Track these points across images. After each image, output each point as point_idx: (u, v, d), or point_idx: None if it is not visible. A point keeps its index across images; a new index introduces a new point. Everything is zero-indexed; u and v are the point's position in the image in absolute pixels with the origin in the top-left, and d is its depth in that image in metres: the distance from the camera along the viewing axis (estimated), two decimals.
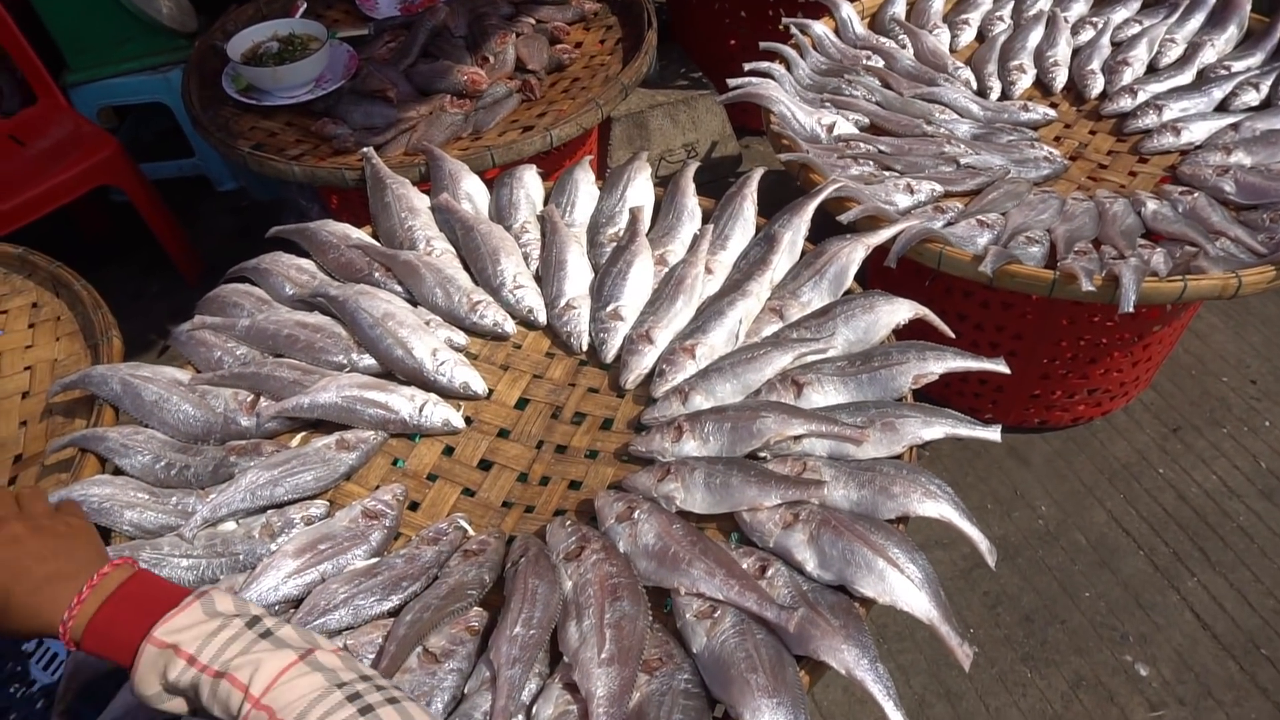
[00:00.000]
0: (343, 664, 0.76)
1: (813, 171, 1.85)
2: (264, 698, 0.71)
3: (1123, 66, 2.18)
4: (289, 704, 0.70)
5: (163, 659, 0.74)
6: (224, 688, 0.72)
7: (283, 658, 0.74)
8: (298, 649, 0.75)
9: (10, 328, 1.66)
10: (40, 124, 2.57)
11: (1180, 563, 2.02)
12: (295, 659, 0.74)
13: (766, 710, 0.95)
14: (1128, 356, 2.06)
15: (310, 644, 0.77)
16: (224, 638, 0.75)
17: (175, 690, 0.75)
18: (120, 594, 0.78)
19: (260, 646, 0.75)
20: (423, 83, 2.22)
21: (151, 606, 0.77)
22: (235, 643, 0.74)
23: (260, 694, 0.71)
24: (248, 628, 0.76)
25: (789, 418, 1.25)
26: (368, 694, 0.72)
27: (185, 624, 0.75)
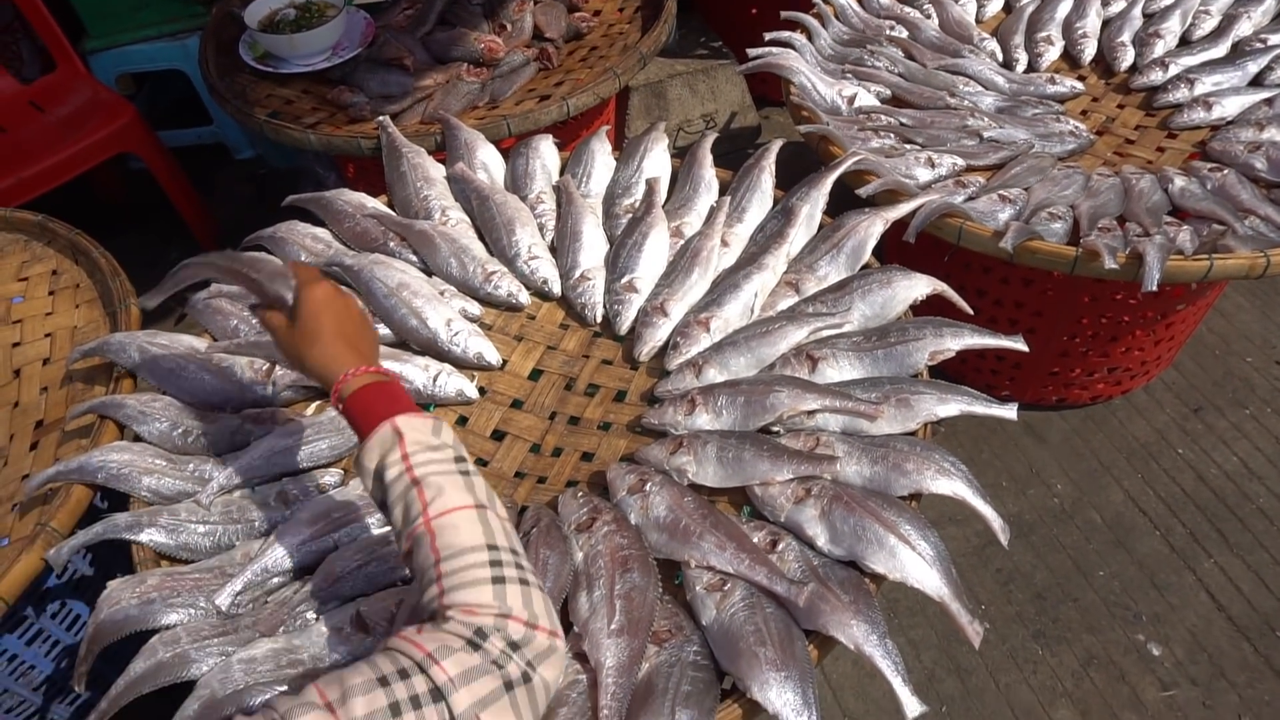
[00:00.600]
0: (503, 531, 0.86)
1: (832, 144, 1.83)
2: (434, 520, 0.84)
3: (1154, 39, 2.12)
4: (449, 539, 0.83)
5: (391, 441, 0.89)
6: (413, 494, 0.86)
7: (463, 499, 0.86)
8: (478, 500, 0.87)
9: (31, 295, 1.67)
10: (60, 91, 2.57)
11: (1197, 543, 2.00)
12: (472, 505, 0.86)
13: (774, 683, 0.95)
14: (1150, 335, 2.03)
15: (489, 503, 0.88)
16: (433, 456, 0.89)
17: (381, 475, 0.89)
18: (384, 386, 0.96)
19: (453, 479, 0.87)
20: (439, 51, 2.20)
21: (401, 405, 0.93)
22: (439, 464, 0.88)
23: (434, 516, 0.84)
24: (454, 462, 0.90)
25: (803, 392, 1.24)
26: (507, 567, 0.82)
27: (417, 429, 0.91)
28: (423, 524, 0.84)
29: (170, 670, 1.04)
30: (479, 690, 0.73)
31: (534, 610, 0.80)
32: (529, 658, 0.77)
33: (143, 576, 1.13)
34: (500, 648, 0.76)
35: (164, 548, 1.18)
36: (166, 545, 1.18)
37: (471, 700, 0.72)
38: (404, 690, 0.71)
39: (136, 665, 1.05)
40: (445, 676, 0.72)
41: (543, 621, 0.80)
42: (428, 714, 0.70)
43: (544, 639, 0.80)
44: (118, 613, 1.09)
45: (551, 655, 0.80)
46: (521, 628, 0.78)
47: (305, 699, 0.70)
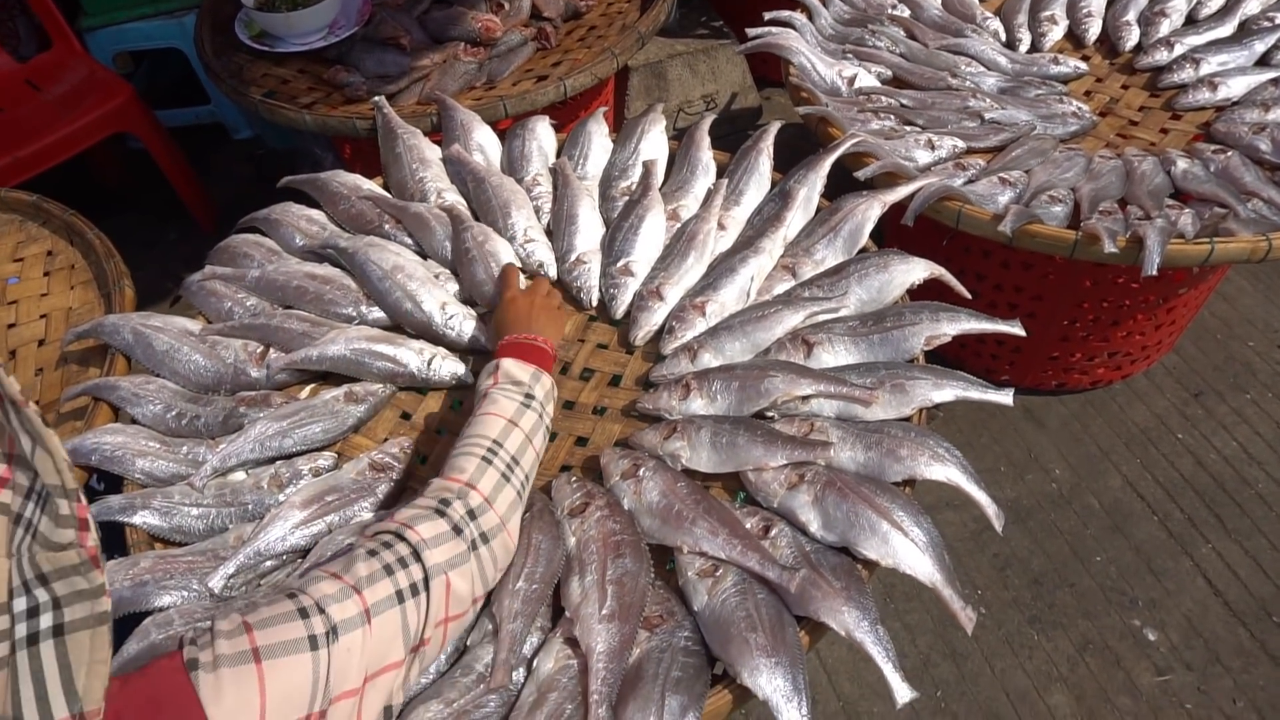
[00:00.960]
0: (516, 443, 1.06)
1: (831, 125, 1.81)
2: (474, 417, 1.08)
3: (1159, 18, 2.09)
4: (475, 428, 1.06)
5: (491, 370, 1.16)
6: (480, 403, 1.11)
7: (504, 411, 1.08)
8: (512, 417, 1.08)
9: (26, 276, 1.67)
10: (56, 69, 2.56)
11: (1195, 529, 2.00)
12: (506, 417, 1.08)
13: (765, 669, 0.95)
14: (1151, 319, 2.02)
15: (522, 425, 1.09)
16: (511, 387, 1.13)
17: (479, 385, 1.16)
18: (531, 346, 1.22)
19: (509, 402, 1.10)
20: (436, 30, 2.18)
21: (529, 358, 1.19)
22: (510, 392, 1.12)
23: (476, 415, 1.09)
24: (523, 395, 1.13)
25: (797, 377, 1.23)
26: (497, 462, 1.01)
27: (514, 368, 1.16)
28: (468, 420, 1.08)
29: (162, 652, 1.04)
30: (447, 551, 0.88)
31: (497, 495, 0.97)
32: (483, 528, 0.93)
33: (136, 559, 1.13)
34: (460, 514, 0.92)
35: (157, 530, 1.19)
36: (160, 528, 1.19)
37: (442, 559, 0.87)
38: (391, 555, 0.83)
39: (129, 647, 1.05)
40: (418, 537, 0.87)
41: (499, 508, 0.97)
42: (413, 571, 0.84)
43: (495, 518, 0.96)
44: (112, 594, 1.09)
45: (499, 534, 0.96)
46: (480, 499, 0.95)
47: (315, 576, 0.80)
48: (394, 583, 0.81)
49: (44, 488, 0.57)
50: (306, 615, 0.73)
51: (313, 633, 0.72)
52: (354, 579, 0.79)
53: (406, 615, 0.81)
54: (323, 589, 0.77)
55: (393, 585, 0.81)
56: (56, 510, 0.57)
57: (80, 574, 0.58)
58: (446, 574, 0.86)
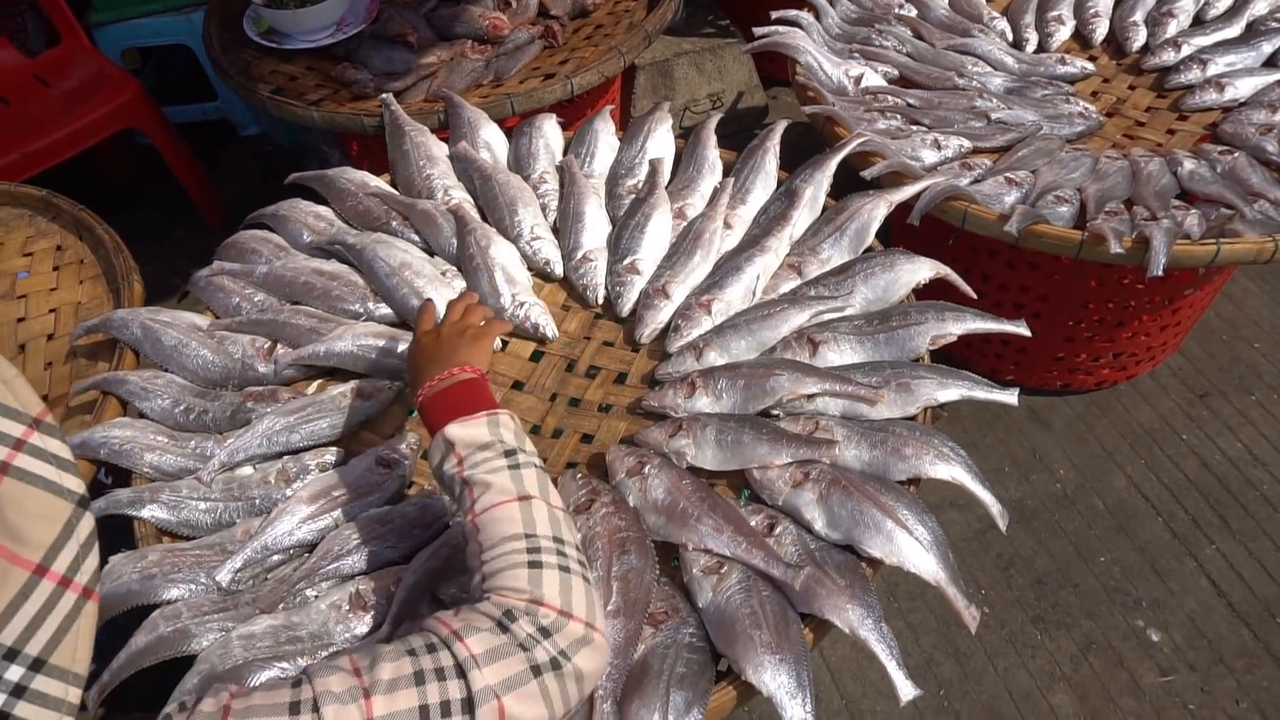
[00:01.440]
0: (548, 520, 0.88)
1: (837, 125, 1.81)
2: (478, 517, 0.88)
3: (1167, 18, 2.09)
4: (489, 531, 0.87)
5: (444, 449, 0.95)
6: (463, 493, 0.92)
7: (506, 493, 0.89)
8: (522, 492, 0.90)
9: (35, 270, 1.68)
10: (64, 65, 2.57)
11: (1199, 530, 2.00)
12: (514, 499, 0.89)
13: (769, 666, 0.96)
14: (1156, 320, 2.02)
15: (537, 493, 0.91)
16: (482, 456, 0.93)
17: (440, 476, 0.96)
18: (451, 390, 1.03)
19: (500, 475, 0.91)
20: (444, 27, 2.18)
21: (458, 410, 0.98)
22: (487, 463, 0.92)
23: (478, 513, 0.89)
24: (504, 456, 0.93)
25: (803, 376, 1.23)
26: (545, 554, 0.84)
27: (467, 433, 0.95)
28: (470, 521, 0.89)
29: (171, 644, 1.05)
30: (503, 671, 0.72)
31: (570, 599, 0.80)
32: (561, 645, 0.76)
33: (144, 552, 1.14)
34: (528, 631, 0.76)
35: (165, 524, 1.19)
36: (168, 521, 1.19)
37: (496, 680, 0.72)
38: (429, 662, 0.71)
39: (138, 639, 1.06)
40: (467, 653, 0.72)
41: (579, 611, 0.79)
42: (450, 687, 0.70)
43: (579, 628, 0.78)
44: (119, 587, 1.10)
45: (586, 645, 0.78)
46: (553, 614, 0.78)
47: (335, 663, 0.71)
48: (421, 695, 0.69)
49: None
50: (297, 712, 0.65)
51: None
52: (371, 680, 0.69)
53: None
54: (330, 683, 0.68)
55: (419, 698, 0.69)
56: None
57: None
58: (500, 698, 0.71)
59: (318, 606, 1.07)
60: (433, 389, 1.03)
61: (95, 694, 1.05)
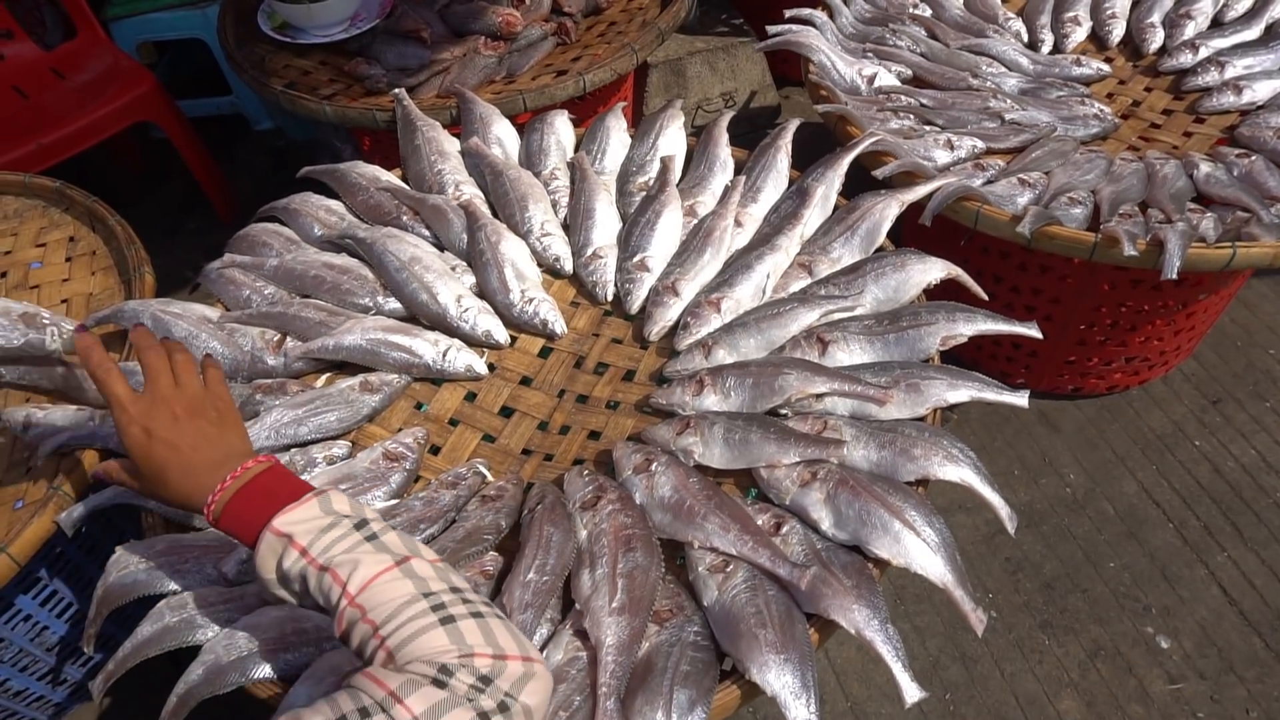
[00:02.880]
0: (435, 574, 0.80)
1: (850, 124, 1.80)
2: (358, 597, 0.78)
3: (1185, 20, 2.07)
4: (378, 606, 0.77)
5: (280, 545, 0.82)
6: (326, 580, 0.80)
7: (379, 562, 0.80)
8: (396, 556, 0.81)
9: (48, 261, 1.68)
10: (80, 58, 2.58)
11: (1211, 537, 1.98)
12: (391, 565, 0.80)
13: (774, 666, 0.95)
14: (1170, 325, 2.00)
15: (410, 552, 0.82)
16: (332, 536, 0.82)
17: (286, 579, 0.83)
18: (254, 485, 0.87)
19: (362, 548, 0.81)
20: (457, 23, 2.19)
21: (277, 500, 0.85)
22: (341, 542, 0.81)
23: (355, 593, 0.78)
24: (355, 529, 0.83)
25: (812, 375, 1.23)
26: (452, 606, 0.77)
27: (301, 519, 0.83)
28: (347, 604, 0.78)
29: (176, 635, 1.06)
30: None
31: (497, 641, 0.75)
32: (505, 689, 0.72)
33: (151, 542, 1.14)
34: (469, 683, 0.71)
35: (172, 514, 1.20)
36: (175, 512, 1.19)
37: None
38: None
39: (143, 629, 1.06)
40: (409, 715, 0.66)
41: (510, 650, 0.75)
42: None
43: (517, 665, 0.74)
44: (126, 577, 1.11)
45: (530, 680, 0.74)
46: (489, 661, 0.73)
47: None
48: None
49: None
50: None
51: None
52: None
53: None
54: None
55: None
56: None
57: None
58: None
59: None
60: (223, 494, 0.86)
61: (100, 682, 1.05)
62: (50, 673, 1.61)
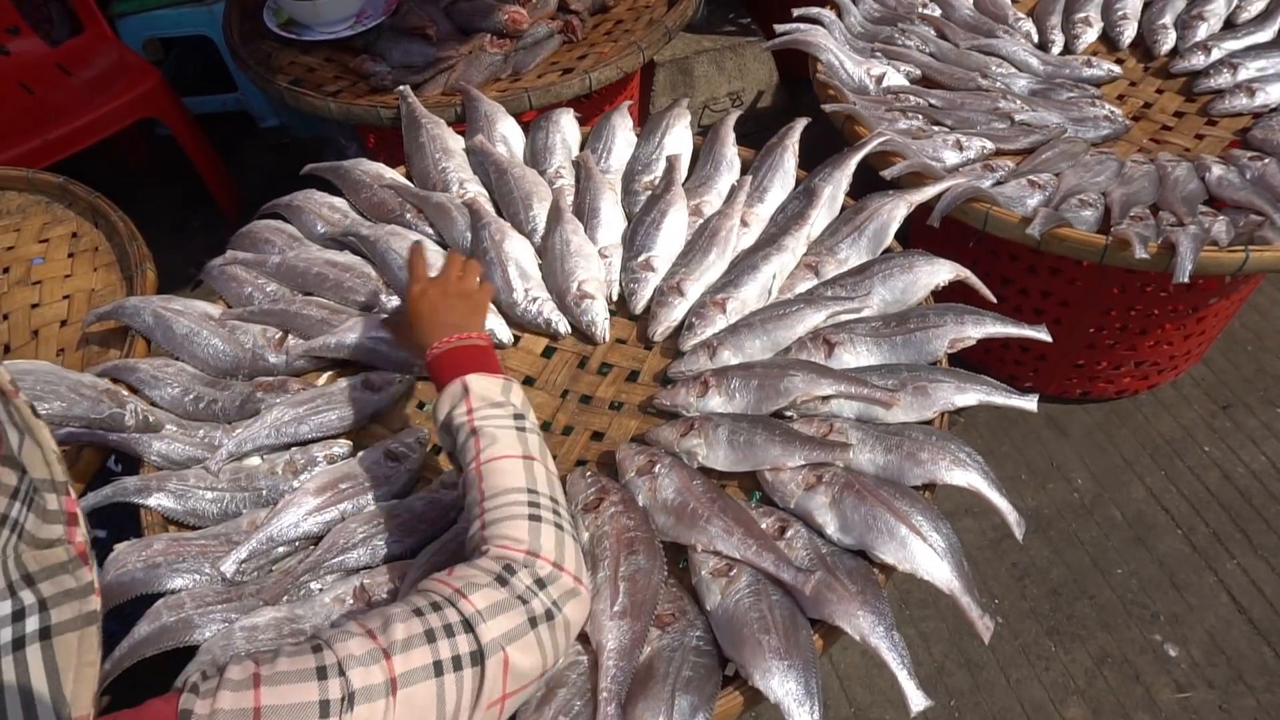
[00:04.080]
0: (546, 482, 0.94)
1: (858, 124, 1.79)
2: (484, 465, 0.93)
3: (1197, 21, 2.05)
4: (493, 481, 0.91)
5: (459, 396, 0.99)
6: (470, 442, 0.95)
7: (512, 448, 0.95)
8: (527, 452, 0.95)
9: (50, 257, 1.68)
10: (86, 54, 2.58)
11: (1220, 543, 1.96)
12: (519, 455, 0.94)
13: (777, 672, 0.94)
14: (1180, 329, 1.98)
15: (539, 455, 0.97)
16: (494, 412, 0.97)
17: (449, 424, 0.98)
18: (471, 350, 1.06)
19: (508, 432, 0.96)
20: (463, 20, 2.18)
21: (479, 366, 1.03)
22: (497, 419, 0.97)
23: (484, 461, 0.93)
24: (513, 419, 0.98)
25: (818, 377, 1.21)
26: (545, 510, 0.89)
27: (484, 386, 1.00)
28: (474, 468, 0.92)
29: (174, 634, 1.05)
30: (505, 624, 0.77)
31: (563, 553, 0.86)
32: (554, 596, 0.82)
33: (150, 541, 1.13)
34: (526, 584, 0.81)
35: (172, 513, 1.19)
36: (174, 510, 1.19)
37: (499, 632, 0.76)
38: (438, 620, 0.74)
39: (141, 628, 1.05)
40: (473, 609, 0.76)
41: (569, 565, 0.85)
42: (459, 642, 0.73)
43: (569, 580, 0.85)
44: (124, 575, 1.10)
45: (575, 597, 0.84)
46: (549, 566, 0.84)
47: (348, 629, 0.73)
48: (434, 651, 0.72)
49: (31, 483, 0.54)
50: (325, 676, 0.66)
51: (326, 697, 0.65)
52: (387, 641, 0.71)
53: (444, 690, 0.71)
54: (350, 647, 0.69)
55: (432, 654, 0.71)
56: (44, 506, 0.55)
57: (68, 572, 0.55)
58: (504, 649, 0.75)
59: (321, 600, 1.05)
60: (448, 345, 1.06)
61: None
62: None
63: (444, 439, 1.01)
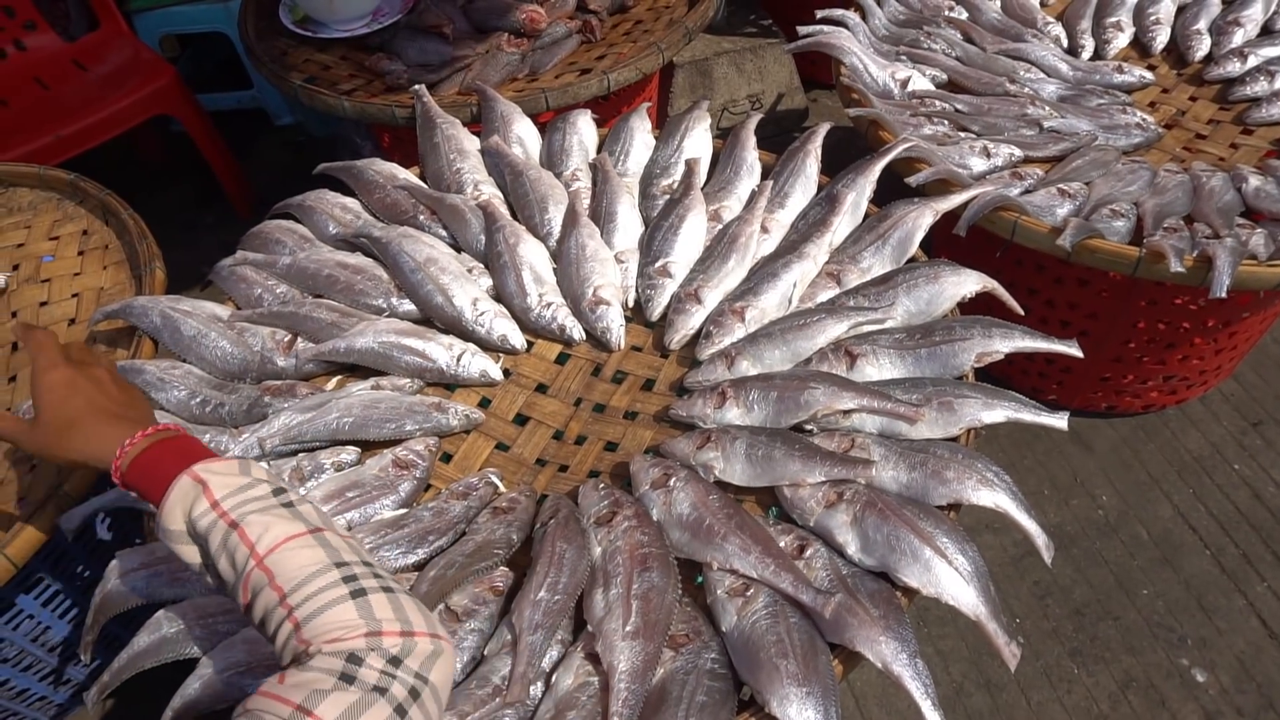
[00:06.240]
0: (348, 547, 0.79)
1: (882, 129, 1.75)
2: (266, 558, 0.75)
3: (1233, 27, 2.00)
4: (288, 571, 0.74)
5: (193, 493, 0.80)
6: (234, 539, 0.77)
7: (293, 527, 0.78)
8: (309, 524, 0.79)
9: (60, 254, 1.66)
10: (102, 50, 2.57)
11: (1249, 565, 1.90)
12: (304, 531, 0.78)
13: (795, 699, 0.90)
14: (1211, 344, 1.93)
15: (324, 524, 0.80)
16: (248, 495, 0.80)
17: (194, 532, 0.80)
18: (169, 443, 0.86)
19: (277, 511, 0.79)
20: (480, 19, 2.15)
21: (193, 456, 0.84)
22: (256, 502, 0.79)
23: (264, 554, 0.75)
24: (272, 495, 0.81)
25: (839, 390, 1.17)
26: (364, 579, 0.74)
27: (220, 470, 0.82)
28: (254, 565, 0.75)
29: (173, 646, 1.02)
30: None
31: (405, 614, 0.73)
32: (415, 668, 0.71)
33: (152, 548, 1.11)
34: (379, 668, 0.68)
35: None
36: None
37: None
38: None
39: (140, 639, 1.03)
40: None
41: (417, 624, 0.73)
42: None
43: (426, 642, 0.73)
44: (125, 583, 1.08)
45: (439, 656, 0.73)
46: (398, 639, 0.71)
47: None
48: None
49: None
50: None
51: None
52: None
53: None
54: None
55: None
56: None
57: None
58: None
59: None
60: (138, 445, 0.85)
61: (95, 693, 1.02)
62: (52, 673, 1.58)
63: (185, 551, 0.81)
